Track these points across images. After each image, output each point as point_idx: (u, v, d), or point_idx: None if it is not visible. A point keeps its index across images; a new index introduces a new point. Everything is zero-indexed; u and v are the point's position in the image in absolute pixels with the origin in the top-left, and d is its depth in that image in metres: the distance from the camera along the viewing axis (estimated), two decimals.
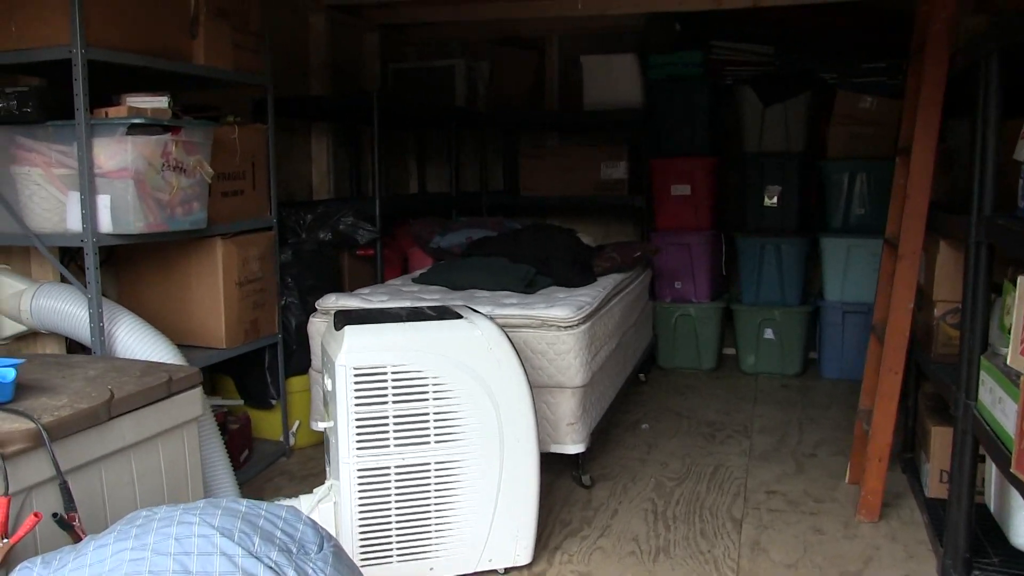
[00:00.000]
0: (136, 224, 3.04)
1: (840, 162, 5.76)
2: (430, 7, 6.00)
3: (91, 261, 2.99)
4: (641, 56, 6.23)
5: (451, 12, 6.02)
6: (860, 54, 6.10)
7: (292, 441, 4.32)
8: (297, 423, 4.30)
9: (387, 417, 2.78)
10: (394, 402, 2.78)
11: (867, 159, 5.66)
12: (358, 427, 2.76)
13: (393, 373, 2.77)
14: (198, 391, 2.55)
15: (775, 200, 5.97)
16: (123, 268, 3.81)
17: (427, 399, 2.81)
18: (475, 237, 5.02)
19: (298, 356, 4.19)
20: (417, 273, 4.65)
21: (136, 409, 2.25)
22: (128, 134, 2.99)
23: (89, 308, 3.00)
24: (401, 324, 2.89)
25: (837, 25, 6.14)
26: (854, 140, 5.71)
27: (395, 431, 2.80)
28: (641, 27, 6.42)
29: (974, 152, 2.73)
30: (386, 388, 2.77)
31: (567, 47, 6.93)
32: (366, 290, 4.23)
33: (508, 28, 6.73)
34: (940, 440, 3.39)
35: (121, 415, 2.19)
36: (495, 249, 4.60)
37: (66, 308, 3.03)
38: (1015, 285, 2.33)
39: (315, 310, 3.96)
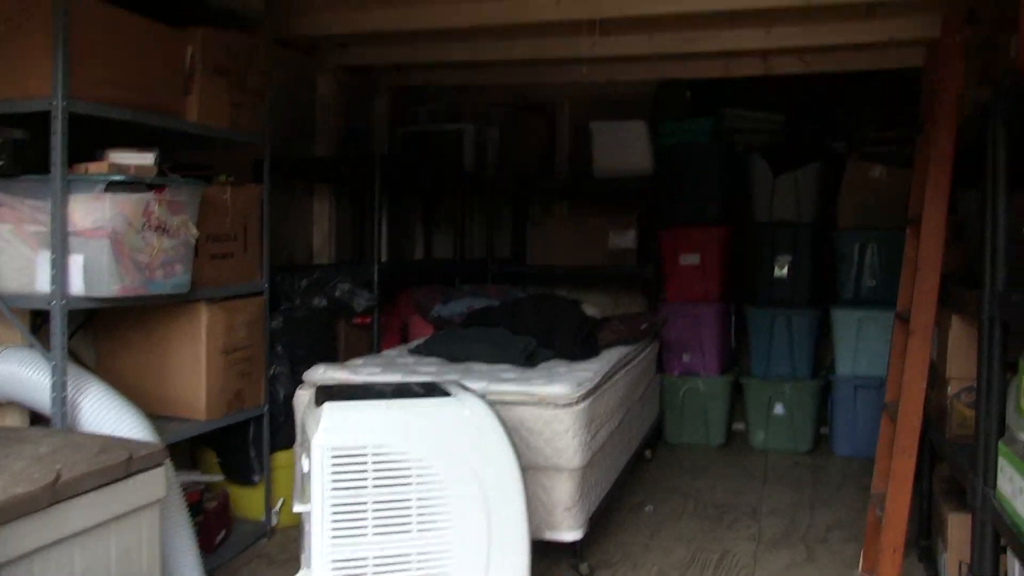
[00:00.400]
0: (111, 287, 2.89)
1: (851, 232, 5.64)
2: (441, 71, 5.97)
3: (57, 325, 2.83)
4: (652, 122, 6.16)
5: (462, 76, 6.00)
6: (870, 123, 6.01)
7: (274, 520, 4.09)
8: (281, 501, 4.07)
9: (366, 503, 2.59)
10: (374, 487, 2.60)
11: (878, 229, 5.53)
12: (334, 513, 2.57)
13: (374, 455, 2.59)
14: (162, 470, 2.38)
15: (785, 271, 5.83)
16: (102, 331, 3.66)
17: (410, 484, 2.62)
18: (476, 306, 4.87)
19: (285, 429, 3.99)
20: (414, 343, 4.49)
21: (87, 492, 2.07)
22: (108, 191, 2.86)
23: (52, 375, 2.82)
24: (385, 402, 2.71)
25: (847, 93, 6.11)
26: (865, 210, 5.60)
27: (374, 518, 2.60)
28: (652, 93, 6.37)
29: (984, 225, 2.59)
30: (366, 471, 2.58)
31: (578, 112, 6.86)
32: (359, 361, 4.05)
33: (519, 93, 6.69)
34: (958, 529, 3.18)
35: (67, 499, 2.00)
36: (496, 319, 4.43)
37: (27, 375, 2.85)
38: None
39: (303, 381, 3.78)
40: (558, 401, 3.38)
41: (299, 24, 4.75)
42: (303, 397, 3.63)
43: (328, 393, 2.80)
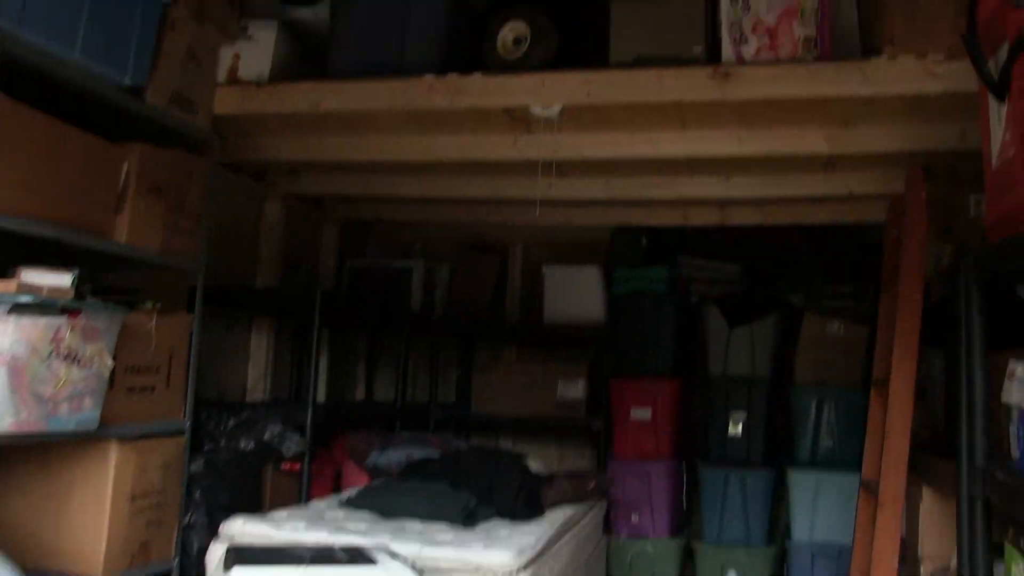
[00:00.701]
0: (4, 420, 2.57)
1: (808, 389, 5.43)
2: (393, 205, 5.84)
3: None
4: (606, 268, 6.05)
5: (414, 212, 5.87)
6: (827, 276, 5.97)
7: None
8: None
9: None
10: None
11: (836, 386, 5.35)
12: None
13: None
14: None
15: (740, 428, 5.61)
16: None
17: None
18: (416, 456, 4.55)
19: None
20: (346, 495, 4.14)
21: None
22: (12, 313, 2.58)
23: None
24: (301, 569, 2.38)
25: (803, 247, 6.06)
26: (822, 366, 5.44)
27: None
28: (607, 238, 6.23)
29: (958, 391, 2.38)
30: None
31: (531, 254, 6.74)
32: (283, 513, 3.69)
33: (472, 232, 6.56)
34: None
35: None
36: (436, 472, 4.12)
37: None
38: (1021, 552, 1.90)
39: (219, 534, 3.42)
40: (497, 571, 3.05)
41: (248, 148, 4.58)
42: (216, 552, 3.26)
43: (239, 555, 2.47)
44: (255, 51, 4.04)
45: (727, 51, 3.46)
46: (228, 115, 3.99)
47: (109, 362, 2.97)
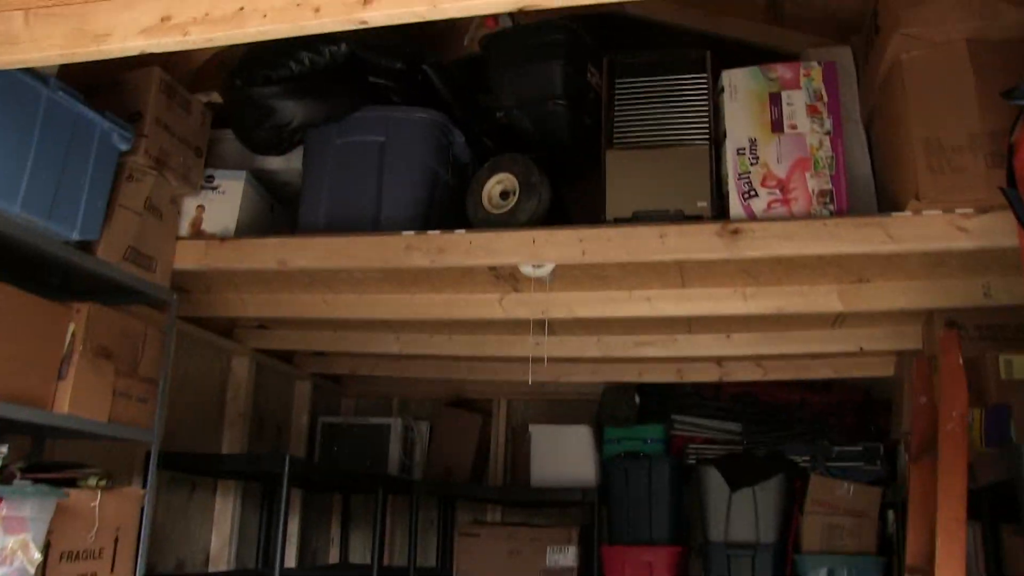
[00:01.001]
0: None
1: (816, 556, 5.04)
2: (370, 361, 5.53)
3: None
4: (596, 427, 5.70)
5: (392, 367, 5.56)
6: (834, 435, 5.60)
7: None
8: None
9: None
10: None
11: (847, 553, 4.98)
12: None
13: None
14: None
15: None
16: None
17: None
18: None
19: None
20: None
21: None
22: None
23: None
24: None
25: (808, 403, 5.72)
26: (831, 531, 5.08)
27: None
28: (597, 394, 5.91)
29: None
30: None
31: (516, 410, 6.39)
32: None
33: (453, 386, 6.20)
34: None
35: None
36: None
37: None
38: None
39: None
40: None
41: (213, 303, 4.30)
42: None
43: None
44: (221, 203, 3.78)
45: (735, 206, 3.20)
46: (190, 270, 3.69)
47: (36, 555, 2.61)
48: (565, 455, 5.60)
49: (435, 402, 6.40)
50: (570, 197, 4.06)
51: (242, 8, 1.93)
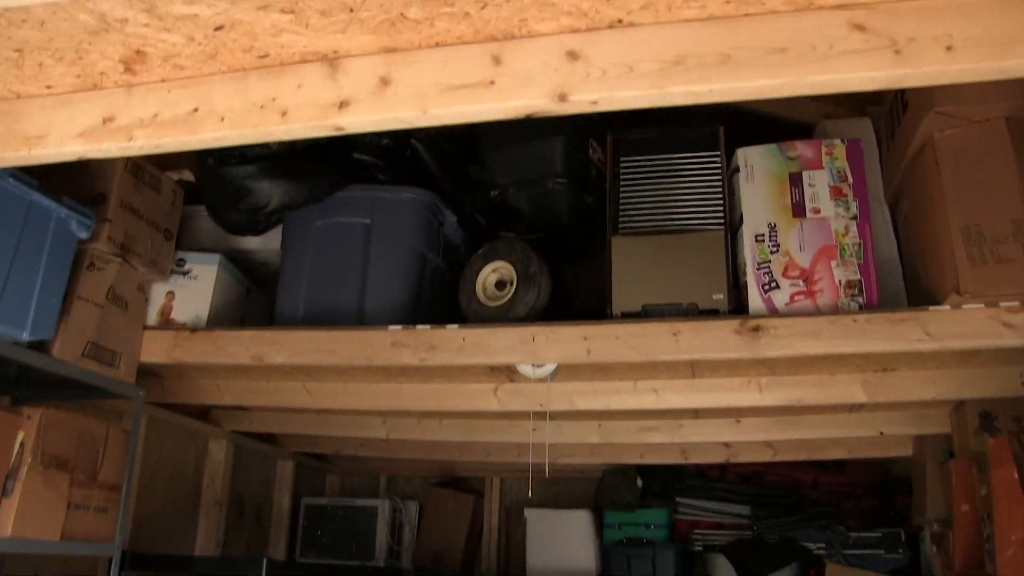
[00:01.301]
0: None
1: None
2: (354, 441, 5.15)
3: None
4: (596, 511, 5.37)
5: (378, 449, 5.20)
6: (850, 519, 5.25)
7: None
8: None
9: None
10: None
11: None
12: None
13: None
14: None
15: None
16: None
17: None
18: None
19: None
20: None
21: None
22: None
23: None
24: None
25: (821, 483, 5.38)
26: None
27: None
28: (596, 473, 5.57)
29: None
30: None
31: (511, 490, 6.05)
32: None
33: (444, 466, 5.86)
34: None
35: None
36: None
37: None
38: None
39: None
40: None
41: (187, 390, 3.99)
42: None
43: None
44: (193, 289, 3.47)
45: (755, 299, 2.89)
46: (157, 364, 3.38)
47: None
48: (563, 541, 5.29)
49: (424, 479, 6.08)
50: (570, 278, 3.75)
51: (196, 109, 1.65)
